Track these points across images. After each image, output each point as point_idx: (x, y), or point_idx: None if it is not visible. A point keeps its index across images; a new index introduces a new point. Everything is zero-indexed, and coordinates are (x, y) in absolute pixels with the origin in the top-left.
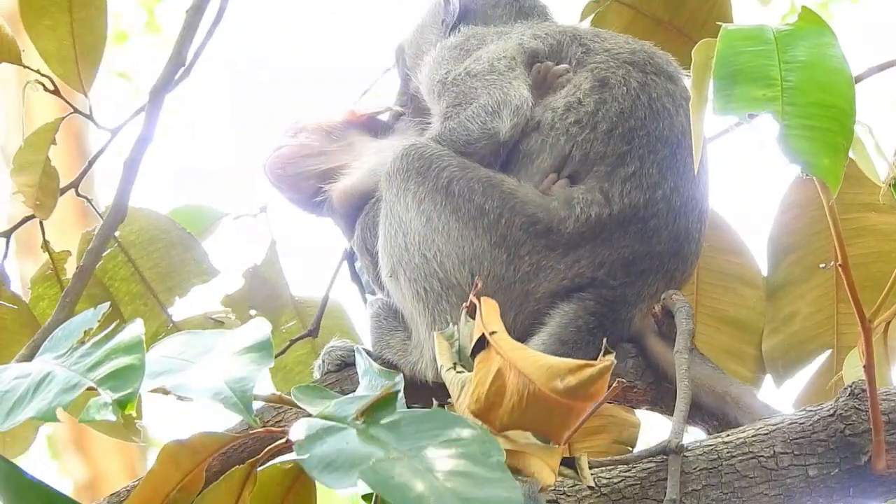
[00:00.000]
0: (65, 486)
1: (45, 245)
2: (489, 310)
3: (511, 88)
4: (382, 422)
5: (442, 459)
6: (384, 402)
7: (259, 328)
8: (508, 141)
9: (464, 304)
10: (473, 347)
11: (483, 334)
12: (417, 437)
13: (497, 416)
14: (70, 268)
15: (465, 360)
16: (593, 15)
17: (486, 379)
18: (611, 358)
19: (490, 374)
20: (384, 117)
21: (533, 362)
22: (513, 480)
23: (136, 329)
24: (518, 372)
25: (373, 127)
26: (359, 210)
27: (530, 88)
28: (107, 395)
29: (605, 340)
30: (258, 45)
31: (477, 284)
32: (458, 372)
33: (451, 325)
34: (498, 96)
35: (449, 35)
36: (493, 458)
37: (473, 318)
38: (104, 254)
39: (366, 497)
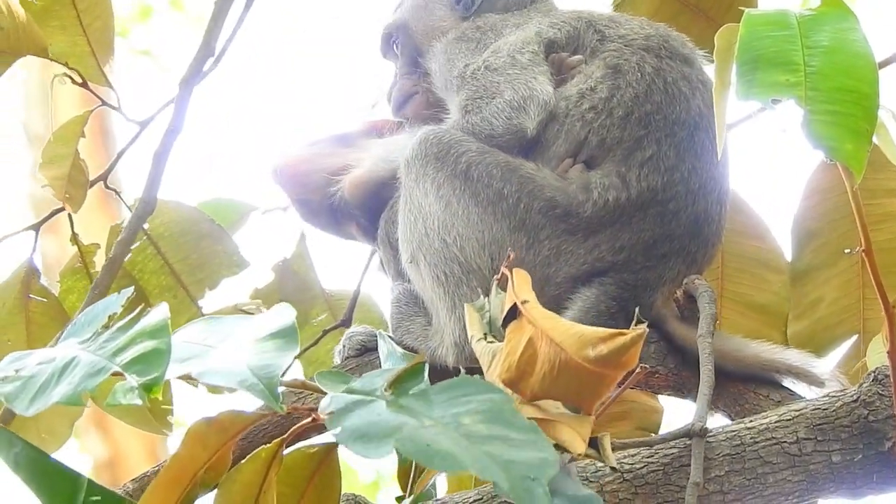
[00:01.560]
0: (84, 465)
1: (74, 238)
2: (521, 280)
3: (536, 83)
4: (411, 392)
5: (475, 424)
6: (411, 373)
7: (283, 314)
8: (535, 137)
9: (495, 277)
10: (505, 317)
11: (514, 304)
12: (448, 405)
13: (528, 384)
14: (99, 260)
15: (496, 330)
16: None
17: (518, 348)
18: (643, 327)
19: (521, 343)
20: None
21: (565, 331)
22: (546, 440)
23: (161, 313)
24: (549, 340)
25: (387, 134)
26: (373, 200)
27: (552, 82)
28: (133, 380)
29: (636, 311)
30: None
31: (509, 256)
32: (488, 342)
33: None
34: (523, 91)
35: (465, 19)
36: (525, 420)
37: (504, 291)
38: (133, 247)
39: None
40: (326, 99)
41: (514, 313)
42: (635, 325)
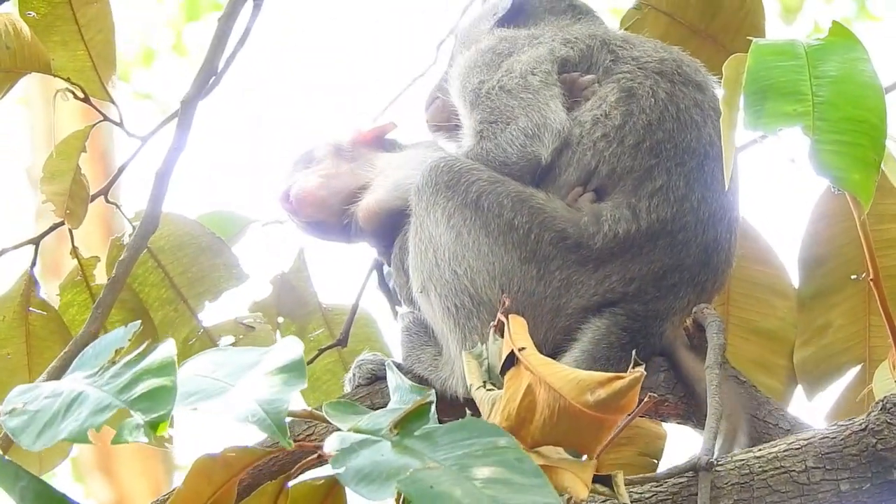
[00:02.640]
0: None
1: (74, 251)
2: (517, 326)
3: (549, 111)
4: (416, 433)
5: (479, 468)
6: (417, 414)
7: (291, 348)
8: (549, 164)
9: (492, 323)
10: (503, 365)
11: (512, 351)
12: (452, 447)
13: (528, 432)
14: (99, 273)
15: (494, 377)
16: (631, 22)
17: (517, 395)
18: (640, 370)
19: (520, 390)
20: (390, 133)
21: (563, 377)
22: (550, 486)
23: (167, 350)
24: (548, 387)
25: (381, 143)
26: (386, 227)
27: (566, 107)
28: (139, 417)
29: (634, 352)
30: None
31: (504, 302)
32: (488, 390)
33: (481, 341)
34: (537, 119)
35: (492, 31)
36: (530, 464)
37: (502, 337)
38: None
39: None
40: (327, 106)
41: (511, 360)
42: (633, 368)
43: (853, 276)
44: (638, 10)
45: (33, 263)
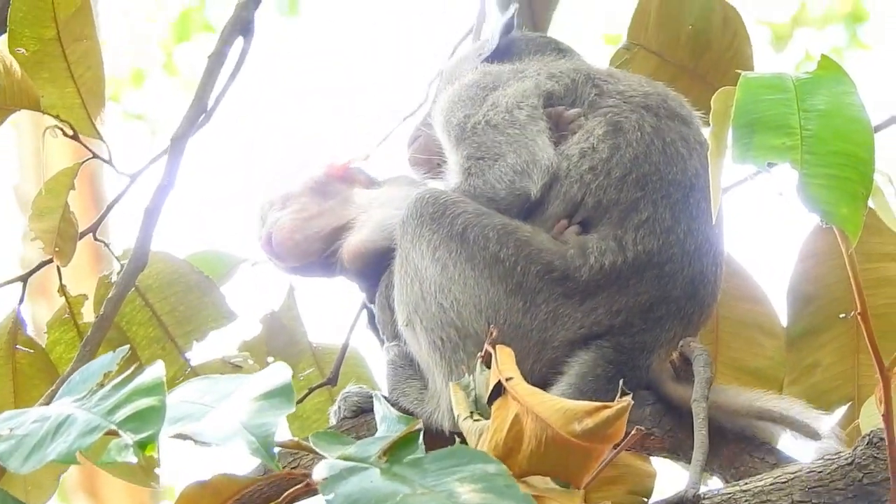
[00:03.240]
0: None
1: (62, 289)
2: (504, 357)
3: (537, 147)
4: (405, 460)
5: (467, 493)
6: (406, 441)
7: (279, 373)
8: (539, 200)
9: (479, 354)
10: (490, 395)
11: (499, 381)
12: (441, 474)
13: (516, 461)
14: (86, 311)
15: (482, 408)
16: (621, 61)
17: (504, 425)
18: (627, 399)
19: (507, 420)
20: (364, 164)
21: (550, 406)
22: None
23: (156, 371)
24: (535, 417)
25: (357, 176)
26: (371, 266)
27: (553, 141)
28: (128, 437)
29: (621, 382)
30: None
31: (492, 333)
32: (475, 420)
33: (467, 374)
34: (526, 156)
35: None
36: (519, 491)
37: (489, 367)
38: None
39: None
40: (317, 141)
41: (499, 390)
42: (620, 397)
43: (842, 315)
44: (628, 51)
45: (21, 300)
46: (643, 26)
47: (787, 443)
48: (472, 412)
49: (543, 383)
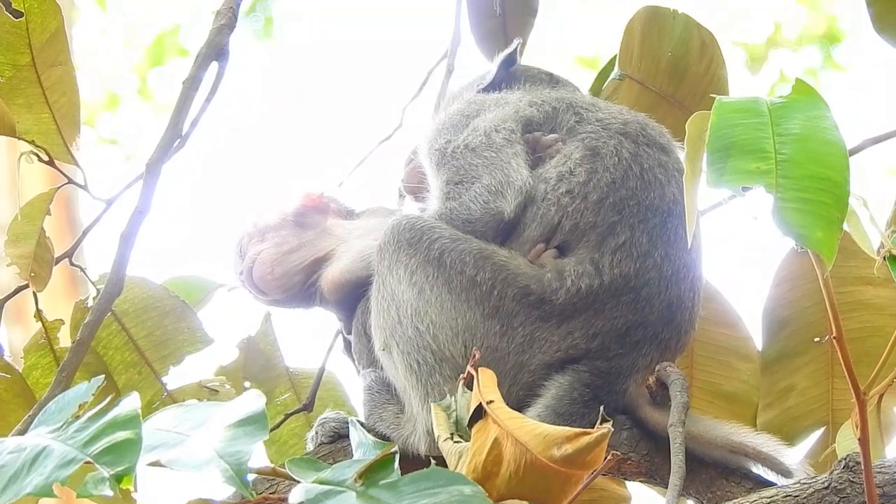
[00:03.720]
0: None
1: (39, 314)
2: (486, 379)
3: (511, 169)
4: (381, 483)
5: None
6: (382, 464)
7: (253, 400)
8: (513, 220)
9: (461, 375)
10: (471, 417)
11: (480, 404)
12: (417, 496)
13: (494, 485)
14: (63, 337)
15: (462, 430)
16: (607, 87)
17: (484, 448)
18: (608, 426)
19: (487, 443)
20: (338, 193)
21: (530, 431)
22: None
23: (131, 403)
24: (515, 441)
25: (332, 206)
26: (351, 296)
27: (528, 164)
28: (104, 471)
29: (601, 408)
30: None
31: (474, 355)
32: (455, 442)
33: (444, 397)
34: (500, 177)
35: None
36: None
37: (471, 389)
38: None
39: None
40: (293, 168)
41: (479, 413)
42: (600, 424)
43: (817, 339)
44: (620, 80)
45: None
46: (629, 55)
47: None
48: (452, 433)
49: (520, 406)
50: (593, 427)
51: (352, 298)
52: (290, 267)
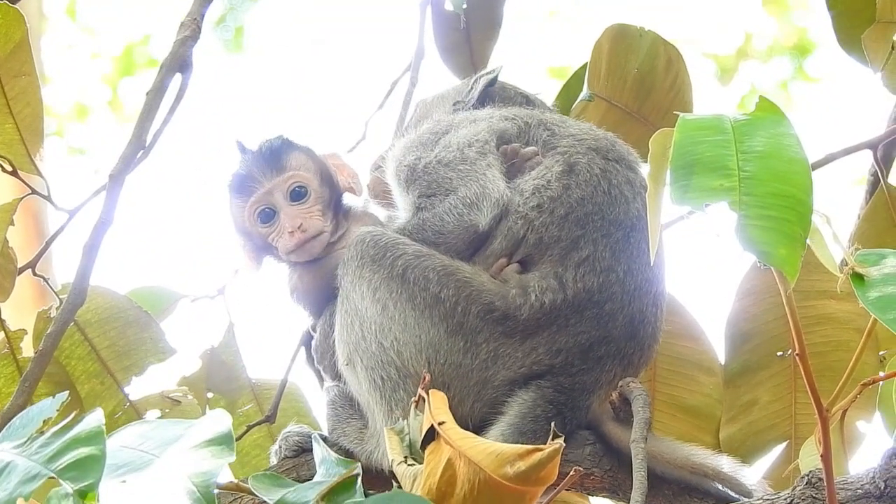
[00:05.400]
0: None
1: (1, 324)
2: (437, 401)
3: (487, 180)
4: None
5: None
6: (344, 487)
7: (220, 421)
8: (486, 232)
9: (412, 399)
10: (423, 439)
11: (432, 425)
12: None
13: None
14: (26, 346)
15: (415, 452)
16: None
17: (437, 469)
18: (560, 441)
19: (440, 464)
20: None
21: (482, 450)
22: None
23: (95, 419)
24: (468, 460)
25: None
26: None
27: (504, 175)
28: (68, 486)
29: (552, 424)
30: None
31: (425, 378)
32: (409, 465)
33: (407, 413)
34: (476, 189)
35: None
36: None
37: (422, 412)
38: None
39: None
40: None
41: (432, 435)
42: (552, 439)
43: (779, 353)
44: (590, 101)
45: None
46: (597, 73)
47: None
48: (406, 456)
49: (484, 423)
50: (546, 442)
51: (324, 296)
52: (324, 243)
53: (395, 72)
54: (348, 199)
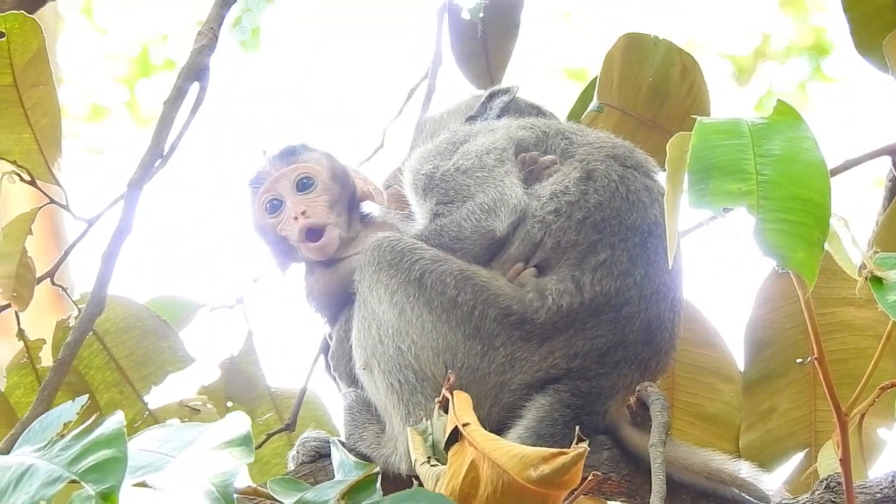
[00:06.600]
0: None
1: (21, 333)
2: (462, 402)
3: (505, 186)
4: (363, 503)
5: None
6: (363, 486)
7: (239, 422)
8: (504, 238)
9: (437, 399)
10: (447, 440)
11: (456, 427)
12: None
13: None
14: (45, 355)
15: (439, 453)
16: (585, 118)
17: (461, 471)
18: (584, 445)
19: (464, 465)
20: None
21: (506, 452)
22: None
23: (116, 421)
24: (491, 462)
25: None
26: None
27: (522, 182)
28: (90, 488)
29: (577, 428)
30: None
31: (449, 378)
32: (432, 465)
33: (425, 417)
34: (493, 194)
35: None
36: None
37: (447, 412)
38: None
39: None
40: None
41: (455, 436)
42: (576, 443)
43: (798, 360)
44: (599, 111)
45: None
46: (609, 83)
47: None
48: (429, 457)
49: (501, 426)
50: (570, 447)
51: (340, 301)
52: (337, 244)
53: (412, 80)
54: (368, 207)
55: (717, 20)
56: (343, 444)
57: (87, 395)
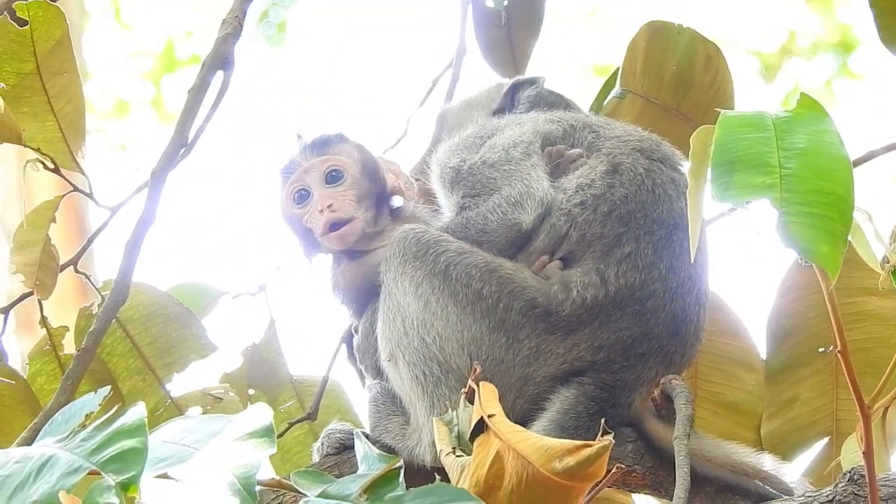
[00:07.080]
0: None
1: (43, 321)
2: (487, 393)
3: (532, 180)
4: (386, 497)
5: None
6: (386, 479)
7: (261, 414)
8: (530, 231)
9: (462, 390)
10: (472, 431)
11: (482, 418)
12: None
13: (497, 499)
14: (67, 343)
15: (464, 444)
16: (608, 104)
17: (486, 462)
18: (609, 438)
19: (489, 456)
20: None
21: (531, 444)
22: None
23: (138, 412)
24: (516, 454)
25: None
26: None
27: (548, 176)
28: (110, 479)
29: (602, 421)
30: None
31: (475, 370)
32: (457, 456)
33: (450, 409)
34: (520, 188)
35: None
36: None
37: (472, 404)
38: None
39: None
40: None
41: (481, 427)
42: (601, 436)
43: (821, 349)
44: (621, 98)
45: (2, 332)
46: (632, 71)
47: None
48: (454, 447)
49: (525, 419)
50: (595, 439)
51: (365, 294)
52: (360, 236)
53: (436, 69)
54: (398, 202)
55: (744, 17)
56: (367, 436)
57: (109, 387)
